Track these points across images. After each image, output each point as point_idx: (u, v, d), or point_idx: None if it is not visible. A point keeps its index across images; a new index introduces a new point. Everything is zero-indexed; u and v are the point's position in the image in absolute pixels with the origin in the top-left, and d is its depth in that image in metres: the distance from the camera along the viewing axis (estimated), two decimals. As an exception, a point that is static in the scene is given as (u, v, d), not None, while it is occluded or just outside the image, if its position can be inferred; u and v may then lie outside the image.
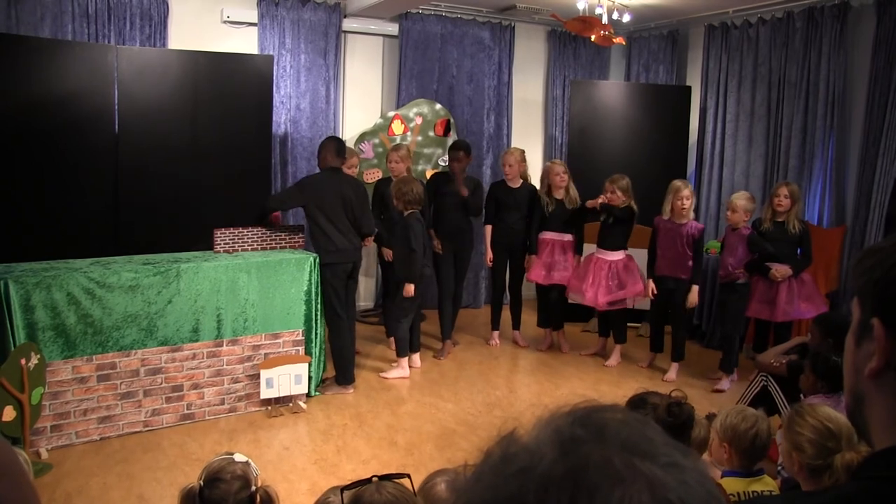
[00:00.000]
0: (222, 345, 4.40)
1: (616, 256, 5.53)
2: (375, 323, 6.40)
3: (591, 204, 5.51)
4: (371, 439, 4.20)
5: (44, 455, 3.78)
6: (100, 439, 4.03)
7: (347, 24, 6.63)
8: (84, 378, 3.97)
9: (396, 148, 5.82)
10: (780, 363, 3.82)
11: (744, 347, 5.63)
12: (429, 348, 5.89)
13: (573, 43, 7.57)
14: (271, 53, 6.07)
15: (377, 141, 6.56)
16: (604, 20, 5.59)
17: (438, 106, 6.83)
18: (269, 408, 4.49)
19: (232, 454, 1.91)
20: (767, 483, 2.36)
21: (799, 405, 2.30)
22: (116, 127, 5.14)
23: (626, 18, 5.90)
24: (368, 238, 5.20)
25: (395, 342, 5.30)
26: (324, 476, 3.69)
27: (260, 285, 4.49)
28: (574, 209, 5.72)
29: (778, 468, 2.72)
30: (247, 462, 1.89)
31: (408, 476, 1.68)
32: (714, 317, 6.11)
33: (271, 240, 4.82)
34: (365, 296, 6.97)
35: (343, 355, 4.90)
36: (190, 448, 4.00)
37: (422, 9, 6.77)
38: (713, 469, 2.40)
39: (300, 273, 4.64)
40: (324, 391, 4.85)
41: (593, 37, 5.62)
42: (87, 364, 3.97)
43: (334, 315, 4.84)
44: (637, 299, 5.67)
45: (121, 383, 4.08)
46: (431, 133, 6.78)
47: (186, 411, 4.31)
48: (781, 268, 4.95)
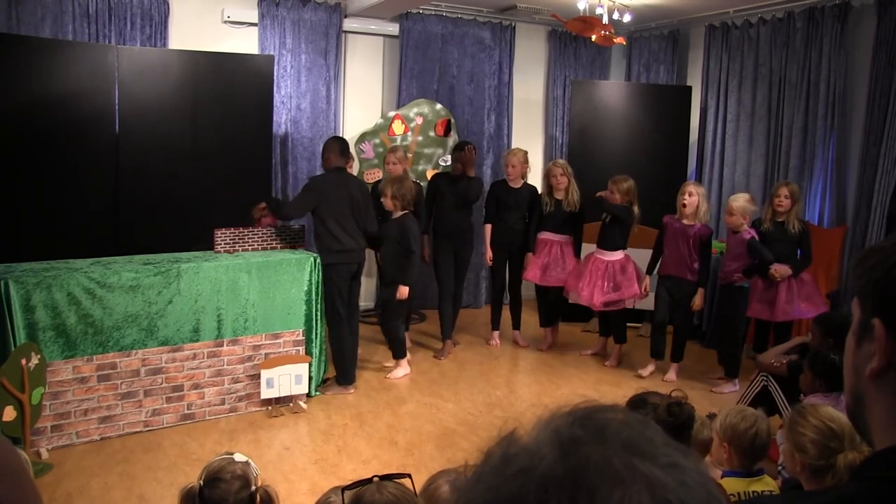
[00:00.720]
0: (223, 345, 4.40)
1: (614, 256, 5.52)
2: (375, 323, 6.39)
3: (600, 194, 5.51)
4: (371, 439, 4.20)
5: (44, 455, 3.78)
6: (100, 439, 4.03)
7: (348, 24, 6.63)
8: (84, 378, 3.97)
9: (394, 149, 5.82)
10: (781, 363, 3.82)
11: (744, 347, 5.63)
12: (429, 348, 5.90)
13: (574, 43, 7.57)
14: (272, 53, 6.07)
15: (378, 141, 6.56)
16: (604, 20, 5.59)
17: (439, 106, 6.83)
18: (270, 408, 4.49)
19: (232, 454, 1.91)
20: (768, 483, 2.36)
21: (800, 406, 2.29)
22: (117, 127, 5.15)
23: (627, 18, 5.89)
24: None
25: (393, 343, 5.24)
26: (324, 476, 3.69)
27: (260, 285, 4.49)
28: (572, 212, 5.71)
29: (778, 468, 2.72)
30: (247, 462, 1.89)
31: (409, 476, 1.68)
32: (714, 318, 6.10)
33: (272, 240, 4.82)
34: (365, 296, 6.96)
35: (343, 355, 4.88)
36: (190, 448, 4.00)
37: (422, 9, 6.77)
38: (713, 469, 2.40)
39: (301, 273, 4.64)
40: (324, 391, 4.85)
41: (594, 37, 5.61)
42: (88, 364, 3.97)
43: (336, 315, 4.83)
44: (637, 300, 5.67)
45: (121, 383, 4.08)
46: (432, 133, 6.78)
47: (187, 411, 4.31)
48: (781, 267, 4.94)
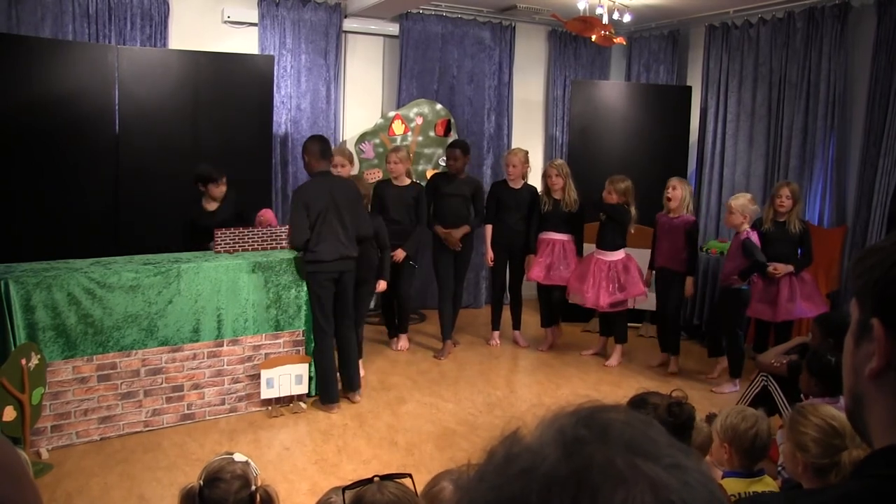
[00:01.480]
0: (223, 345, 4.39)
1: (615, 257, 5.53)
2: (376, 323, 6.40)
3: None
4: (371, 439, 4.20)
5: (44, 455, 3.78)
6: (100, 439, 4.03)
7: (348, 24, 6.63)
8: (84, 378, 3.97)
9: (396, 149, 5.81)
10: (781, 363, 3.81)
11: (744, 348, 5.63)
12: (429, 348, 5.90)
13: (574, 43, 7.57)
14: (272, 53, 6.07)
15: (378, 141, 6.56)
16: (604, 20, 5.59)
17: (439, 106, 6.83)
18: (270, 408, 4.49)
19: (232, 454, 1.90)
20: (768, 483, 2.36)
21: (800, 405, 2.29)
22: (117, 127, 5.15)
23: (627, 18, 5.89)
24: (399, 250, 5.34)
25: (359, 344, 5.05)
26: (324, 476, 3.69)
27: (260, 285, 4.49)
28: (570, 212, 5.71)
29: (778, 468, 2.72)
30: (246, 462, 1.89)
31: (409, 476, 1.68)
32: (714, 319, 6.09)
33: (272, 240, 4.82)
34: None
35: (325, 373, 4.54)
36: (190, 448, 4.00)
37: (422, 9, 6.77)
38: (714, 470, 2.40)
39: (300, 273, 4.63)
40: (312, 405, 4.63)
41: (594, 37, 5.62)
42: (88, 364, 3.97)
43: (318, 329, 4.56)
44: (638, 299, 5.68)
45: (121, 383, 4.08)
46: (432, 133, 6.78)
47: (187, 411, 4.31)
48: (781, 266, 4.95)
